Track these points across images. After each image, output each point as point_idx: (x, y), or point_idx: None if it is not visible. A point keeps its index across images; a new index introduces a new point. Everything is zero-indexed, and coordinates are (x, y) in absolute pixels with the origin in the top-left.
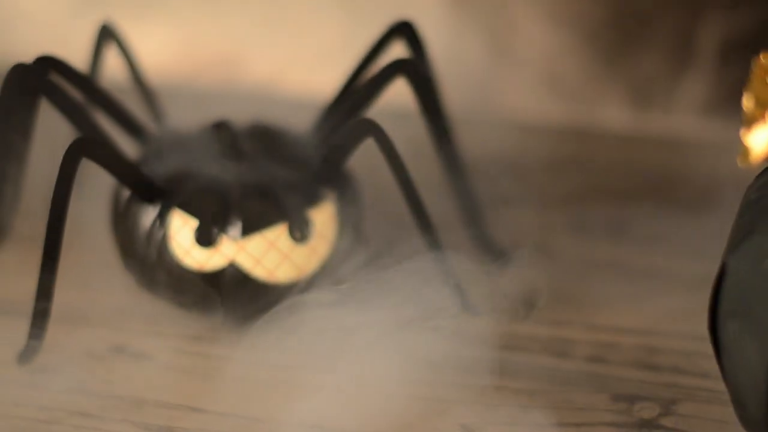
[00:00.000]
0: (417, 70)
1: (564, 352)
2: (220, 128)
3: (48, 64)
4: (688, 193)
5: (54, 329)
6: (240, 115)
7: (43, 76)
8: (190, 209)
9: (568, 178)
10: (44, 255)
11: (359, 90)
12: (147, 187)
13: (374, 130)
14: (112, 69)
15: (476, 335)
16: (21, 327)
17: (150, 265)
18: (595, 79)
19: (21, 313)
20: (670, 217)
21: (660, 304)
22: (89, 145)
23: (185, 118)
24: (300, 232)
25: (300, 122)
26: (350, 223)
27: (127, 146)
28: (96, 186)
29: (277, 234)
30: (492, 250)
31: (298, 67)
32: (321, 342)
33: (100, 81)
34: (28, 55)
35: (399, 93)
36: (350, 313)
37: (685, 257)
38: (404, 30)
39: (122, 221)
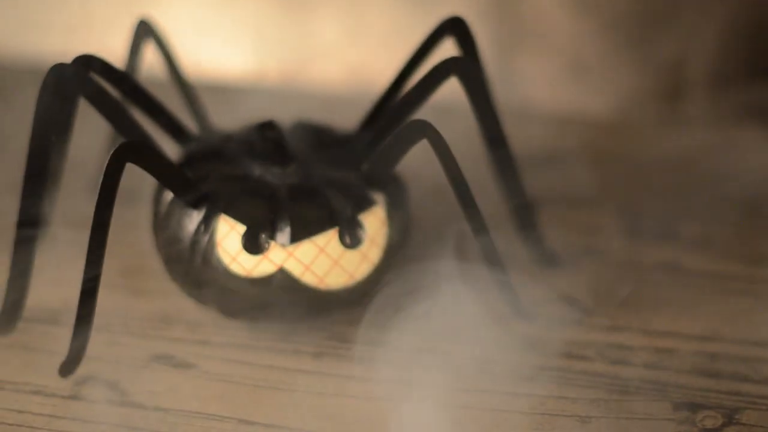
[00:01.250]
0: (470, 69)
1: (621, 360)
2: (267, 128)
3: (88, 63)
4: (740, 191)
5: (95, 338)
6: (287, 114)
7: (82, 77)
8: (237, 214)
9: (610, 174)
10: (87, 262)
11: (410, 90)
12: (192, 191)
13: (429, 131)
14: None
15: (531, 342)
16: (61, 336)
17: (195, 271)
18: (622, 67)
19: (60, 323)
20: (722, 216)
21: (717, 308)
22: (134, 149)
23: (242, 118)
24: (351, 237)
25: (343, 119)
26: (400, 228)
27: (168, 146)
28: (135, 187)
29: (327, 239)
30: (544, 253)
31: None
32: (369, 352)
33: (139, 79)
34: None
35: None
36: (399, 320)
37: (739, 258)
38: (454, 26)
39: (165, 225)
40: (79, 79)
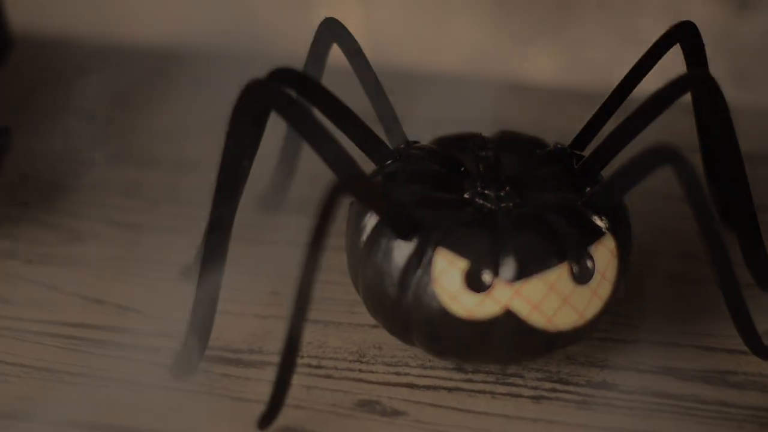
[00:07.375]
0: (712, 87)
1: None
2: (478, 146)
3: (285, 78)
4: None
5: (293, 382)
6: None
7: (280, 94)
8: (457, 248)
9: None
10: (297, 303)
11: (640, 106)
12: (404, 221)
13: (677, 159)
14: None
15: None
16: (247, 378)
17: (404, 309)
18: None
19: (244, 363)
20: None
21: None
22: (351, 183)
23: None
24: (582, 271)
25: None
26: (627, 258)
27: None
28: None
29: (557, 275)
30: None
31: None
32: (593, 396)
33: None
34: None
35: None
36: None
37: None
38: (684, 32)
39: (366, 255)
40: (276, 97)
